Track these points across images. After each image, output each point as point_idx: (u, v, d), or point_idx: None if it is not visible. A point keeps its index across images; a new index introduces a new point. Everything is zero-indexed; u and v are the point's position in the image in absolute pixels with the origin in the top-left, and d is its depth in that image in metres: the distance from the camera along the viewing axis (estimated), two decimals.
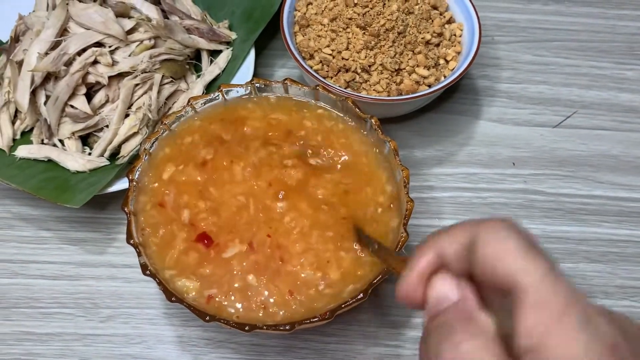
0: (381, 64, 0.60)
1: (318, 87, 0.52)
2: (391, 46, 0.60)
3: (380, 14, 0.60)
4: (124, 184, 0.55)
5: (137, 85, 0.59)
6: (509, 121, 0.67)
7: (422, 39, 0.61)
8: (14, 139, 0.60)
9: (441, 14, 0.64)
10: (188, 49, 0.64)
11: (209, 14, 0.69)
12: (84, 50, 0.58)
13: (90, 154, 0.59)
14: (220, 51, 0.66)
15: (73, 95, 0.58)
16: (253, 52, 0.64)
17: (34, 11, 0.63)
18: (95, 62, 0.58)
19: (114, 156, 0.59)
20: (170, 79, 0.61)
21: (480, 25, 0.62)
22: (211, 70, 0.64)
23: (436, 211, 0.60)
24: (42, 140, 0.59)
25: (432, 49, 0.62)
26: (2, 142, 0.59)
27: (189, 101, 0.52)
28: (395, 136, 0.63)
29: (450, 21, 0.64)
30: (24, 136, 0.61)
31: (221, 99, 0.53)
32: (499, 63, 0.71)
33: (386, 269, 0.43)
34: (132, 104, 0.59)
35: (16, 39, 0.62)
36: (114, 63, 0.59)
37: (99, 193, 0.55)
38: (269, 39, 0.71)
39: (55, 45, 0.58)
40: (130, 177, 0.48)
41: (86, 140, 0.60)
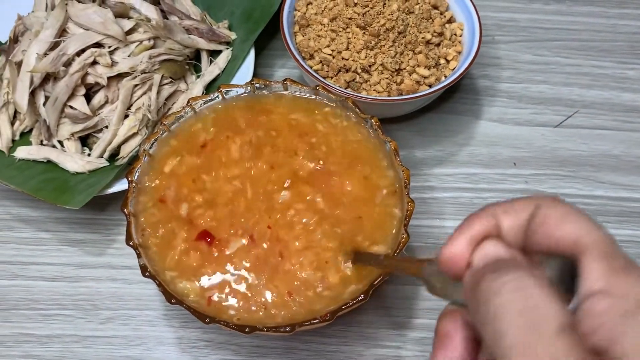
0: (381, 64, 0.59)
1: (318, 87, 0.52)
2: (391, 46, 0.60)
3: (380, 14, 0.60)
4: (123, 185, 0.55)
5: (136, 85, 0.59)
6: (509, 121, 0.66)
7: (422, 38, 0.61)
8: (13, 140, 0.60)
9: (441, 14, 0.64)
10: (187, 49, 0.63)
11: (208, 14, 0.69)
12: (83, 50, 0.58)
13: (89, 155, 0.59)
14: (219, 51, 0.66)
15: (72, 96, 0.57)
16: (253, 52, 0.64)
17: (32, 12, 0.63)
18: (95, 63, 0.58)
19: (113, 157, 0.59)
20: (170, 80, 0.61)
21: (480, 25, 0.62)
22: (211, 70, 0.64)
23: (437, 212, 0.60)
24: (42, 141, 0.59)
25: (433, 48, 0.62)
26: (1, 143, 0.59)
27: (188, 101, 0.52)
28: (395, 136, 0.62)
29: (451, 21, 0.64)
30: (23, 137, 0.61)
31: (221, 98, 0.53)
32: (499, 63, 0.71)
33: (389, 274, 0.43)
34: (131, 105, 0.59)
35: (15, 39, 0.62)
36: (113, 64, 0.58)
37: (98, 194, 0.54)
38: (268, 39, 0.71)
39: (54, 46, 0.58)
40: (129, 178, 0.48)
41: (85, 141, 0.60)
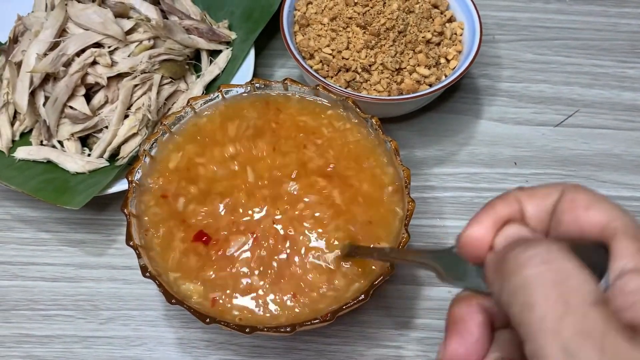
0: (382, 64, 0.59)
1: (318, 87, 0.52)
2: (392, 45, 0.59)
3: (380, 13, 0.60)
4: (123, 185, 0.55)
5: (136, 85, 0.59)
6: (510, 120, 0.66)
7: (422, 38, 0.61)
8: (13, 141, 0.60)
9: (442, 13, 0.64)
10: (187, 49, 0.63)
11: (208, 14, 0.69)
12: (83, 50, 0.57)
13: (89, 155, 0.59)
14: (219, 51, 0.66)
15: (72, 96, 0.57)
16: (253, 52, 0.64)
17: (32, 12, 0.63)
18: (94, 63, 0.58)
19: (113, 157, 0.59)
20: (170, 80, 0.61)
21: (481, 24, 0.61)
22: (211, 70, 0.64)
23: (437, 211, 0.60)
24: (42, 141, 0.59)
25: (433, 48, 0.61)
26: (1, 144, 0.59)
27: (188, 101, 0.52)
28: (396, 136, 0.62)
29: (451, 20, 0.64)
30: (23, 137, 0.60)
31: (221, 98, 0.53)
32: (500, 62, 0.71)
33: (388, 271, 0.43)
34: (131, 105, 0.59)
35: (15, 39, 0.62)
36: (113, 64, 0.58)
37: (98, 194, 0.54)
38: (268, 38, 0.71)
39: (54, 46, 0.58)
40: (129, 179, 0.48)
41: (85, 141, 0.60)
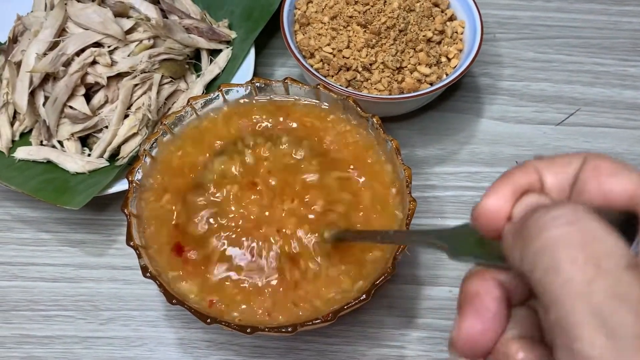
0: (382, 62, 0.59)
1: (319, 86, 0.52)
2: (392, 44, 0.59)
3: (381, 12, 0.60)
4: (123, 185, 0.55)
5: (136, 85, 0.59)
6: (511, 119, 0.66)
7: (423, 36, 0.60)
8: (12, 141, 0.60)
9: (442, 12, 0.63)
10: (187, 48, 0.63)
11: (208, 13, 0.68)
12: (83, 50, 0.57)
13: (89, 155, 0.58)
14: (219, 50, 0.66)
15: (72, 96, 0.57)
16: (253, 52, 0.64)
17: (32, 11, 0.63)
18: (94, 63, 0.58)
19: (113, 157, 0.59)
20: (170, 79, 0.61)
21: (482, 23, 0.61)
22: (211, 69, 0.64)
23: (438, 210, 0.59)
24: (41, 141, 0.59)
25: (434, 46, 0.61)
26: (1, 144, 0.59)
27: (188, 101, 0.52)
28: (396, 135, 0.62)
29: (452, 18, 0.64)
30: (23, 137, 0.60)
31: (222, 98, 0.53)
32: (500, 60, 0.71)
33: (390, 269, 0.42)
34: (131, 105, 0.59)
35: (14, 39, 0.62)
36: (113, 63, 0.58)
37: (98, 194, 0.54)
38: (268, 37, 0.70)
39: (53, 46, 0.58)
40: (130, 178, 0.48)
41: (85, 141, 0.60)
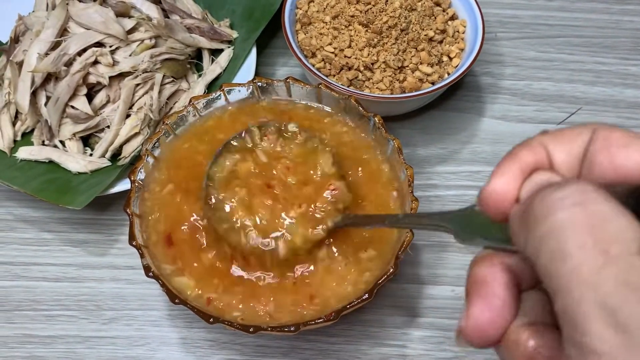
0: (384, 62, 0.59)
1: (320, 86, 0.52)
2: (394, 43, 0.59)
3: (382, 11, 0.60)
4: (125, 185, 0.55)
5: (138, 85, 0.59)
6: (512, 118, 0.66)
7: (425, 36, 0.60)
8: (14, 141, 0.60)
9: (444, 11, 0.63)
10: (189, 48, 0.63)
11: (209, 12, 0.68)
12: (84, 50, 0.57)
13: (91, 155, 0.58)
14: (221, 50, 0.66)
15: (74, 95, 0.57)
16: (254, 51, 0.64)
17: (33, 11, 0.63)
18: (96, 62, 0.58)
19: (115, 157, 0.59)
20: (172, 79, 0.61)
21: (483, 22, 0.61)
22: (212, 69, 0.64)
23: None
24: (43, 141, 0.59)
25: (435, 46, 0.61)
26: (3, 144, 0.59)
27: (190, 101, 0.52)
28: (398, 134, 0.62)
29: (453, 18, 0.64)
30: (25, 137, 0.60)
31: (222, 97, 0.53)
32: (502, 60, 0.71)
33: (394, 266, 0.42)
34: (133, 104, 0.59)
35: (16, 39, 0.62)
36: (114, 63, 0.58)
37: (100, 194, 0.54)
38: (270, 37, 0.70)
39: (55, 46, 0.58)
40: (132, 178, 0.48)
41: (87, 141, 0.60)
